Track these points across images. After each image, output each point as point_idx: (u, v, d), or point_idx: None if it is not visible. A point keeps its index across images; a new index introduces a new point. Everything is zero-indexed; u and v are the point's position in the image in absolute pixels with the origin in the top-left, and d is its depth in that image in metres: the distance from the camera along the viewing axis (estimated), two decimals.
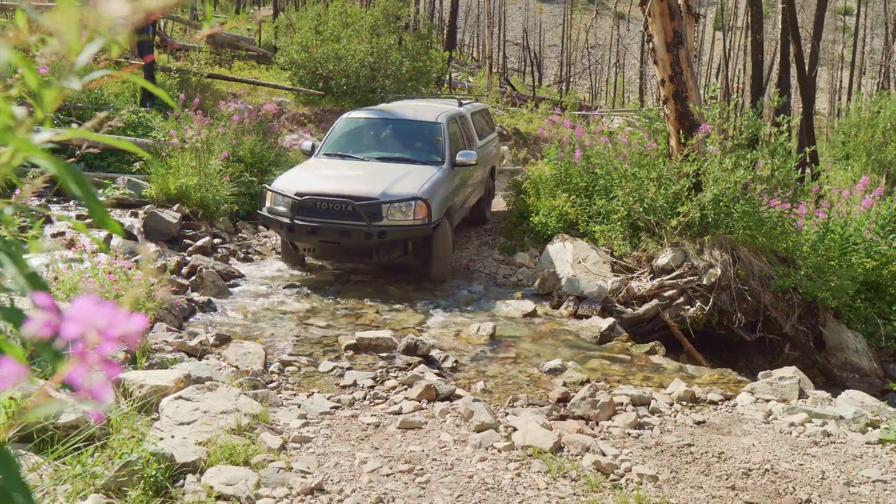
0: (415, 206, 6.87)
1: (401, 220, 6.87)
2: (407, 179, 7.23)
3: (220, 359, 4.75)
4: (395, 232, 6.88)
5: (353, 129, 8.71)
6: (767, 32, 25.24)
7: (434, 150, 8.20)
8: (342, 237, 6.87)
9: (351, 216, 6.83)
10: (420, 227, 6.95)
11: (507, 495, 3.26)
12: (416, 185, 7.13)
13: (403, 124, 8.71)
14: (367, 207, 6.79)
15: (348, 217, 6.83)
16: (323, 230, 6.84)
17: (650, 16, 7.17)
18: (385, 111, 9.16)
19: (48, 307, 0.63)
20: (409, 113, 8.92)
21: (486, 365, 5.29)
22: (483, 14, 34.65)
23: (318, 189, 7.03)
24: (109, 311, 0.62)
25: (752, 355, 6.66)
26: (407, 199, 6.87)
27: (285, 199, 6.98)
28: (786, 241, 6.64)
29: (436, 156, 8.10)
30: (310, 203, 6.87)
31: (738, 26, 30.32)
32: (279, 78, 17.40)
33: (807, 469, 3.82)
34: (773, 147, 7.16)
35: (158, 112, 10.77)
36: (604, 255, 7.46)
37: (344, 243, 6.99)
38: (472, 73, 31.38)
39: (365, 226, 6.76)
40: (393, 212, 6.83)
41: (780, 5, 14.88)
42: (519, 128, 17.39)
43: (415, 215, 6.88)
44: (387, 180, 7.18)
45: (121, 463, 2.83)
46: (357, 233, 6.77)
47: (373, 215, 6.78)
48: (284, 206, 6.96)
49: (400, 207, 6.84)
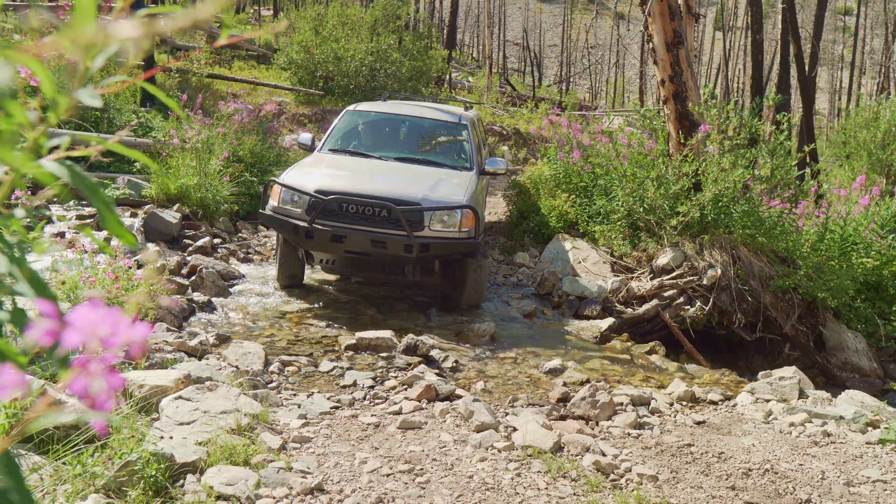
0: (461, 216, 5.88)
1: (444, 232, 5.87)
2: (445, 185, 6.25)
3: (220, 359, 4.75)
4: (439, 245, 5.85)
5: (362, 124, 7.74)
6: (767, 32, 25.24)
7: (460, 154, 7.33)
8: (375, 248, 5.74)
9: (386, 223, 5.77)
10: (465, 242, 5.93)
11: (507, 495, 3.26)
12: (459, 191, 6.17)
13: (422, 122, 7.71)
14: (410, 214, 5.77)
15: (383, 224, 5.77)
16: (352, 239, 5.73)
17: (650, 16, 7.16)
18: (398, 107, 8.22)
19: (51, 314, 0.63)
20: (424, 111, 7.98)
21: (486, 365, 5.29)
22: (483, 14, 34.64)
23: (345, 188, 5.92)
24: (113, 318, 0.62)
25: (752, 355, 6.66)
26: (453, 207, 5.87)
27: (300, 198, 5.87)
28: (785, 241, 6.64)
29: (463, 160, 7.18)
30: (334, 205, 5.79)
31: (738, 26, 30.31)
32: (279, 78, 17.41)
33: (807, 469, 3.82)
34: (772, 146, 7.16)
35: (158, 112, 10.78)
36: (604, 255, 7.46)
37: (377, 256, 5.84)
38: (472, 73, 31.38)
39: (405, 236, 5.71)
40: (435, 221, 5.85)
41: (780, 5, 14.88)
42: (519, 128, 17.39)
43: (460, 226, 5.88)
44: (423, 184, 6.14)
45: (121, 463, 2.82)
46: (395, 244, 5.70)
47: (413, 224, 5.78)
48: (299, 206, 5.87)
49: (444, 216, 5.86)
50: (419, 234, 5.74)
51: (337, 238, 5.75)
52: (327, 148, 7.19)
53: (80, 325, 0.61)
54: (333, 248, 5.87)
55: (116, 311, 0.63)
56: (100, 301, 0.63)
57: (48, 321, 0.62)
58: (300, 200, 5.88)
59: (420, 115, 7.76)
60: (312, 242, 5.84)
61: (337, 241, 5.77)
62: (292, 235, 5.93)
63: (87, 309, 0.62)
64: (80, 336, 0.61)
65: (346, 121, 7.64)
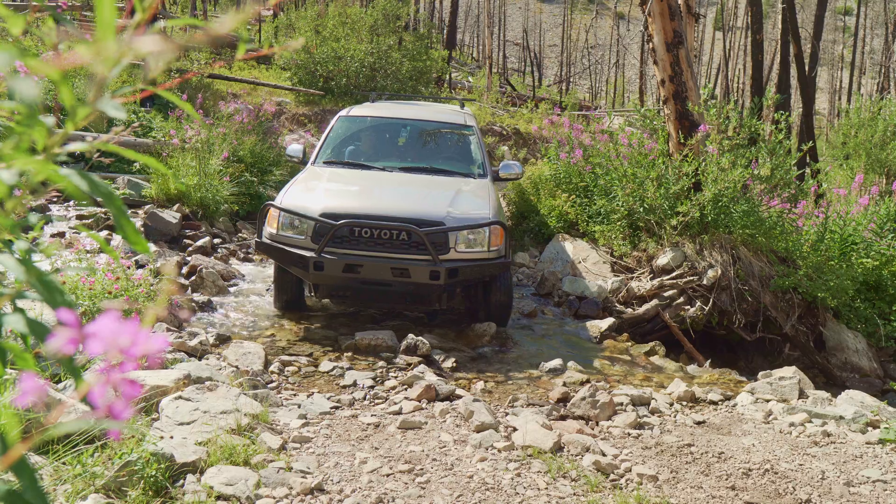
0: (489, 233, 5.24)
1: (471, 253, 5.21)
2: (465, 198, 5.61)
3: (220, 359, 4.75)
4: (468, 269, 5.18)
5: (358, 131, 7.03)
6: (767, 32, 25.24)
7: (470, 160, 6.64)
8: (397, 277, 5.07)
9: (406, 247, 5.12)
10: (495, 263, 5.30)
11: (507, 495, 3.26)
12: (482, 204, 5.55)
13: (424, 126, 6.99)
14: (434, 235, 5.11)
15: (403, 249, 5.11)
16: (369, 268, 5.04)
17: (650, 16, 7.17)
18: (394, 109, 7.57)
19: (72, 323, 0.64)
20: (425, 112, 7.32)
21: (486, 365, 5.29)
22: (483, 14, 34.66)
23: (357, 209, 5.24)
24: (133, 329, 0.63)
25: (752, 355, 6.66)
26: (481, 224, 5.24)
27: (303, 223, 5.20)
28: (785, 241, 6.64)
29: (474, 167, 6.52)
30: (345, 230, 5.10)
31: (738, 26, 30.33)
32: (279, 78, 17.41)
33: (807, 469, 3.82)
34: (771, 146, 7.17)
35: (158, 112, 10.78)
36: (604, 255, 7.46)
37: (398, 286, 5.16)
38: (472, 73, 31.38)
39: (430, 261, 5.06)
40: (461, 242, 5.20)
41: (780, 5, 14.88)
42: (519, 128, 17.39)
43: (489, 245, 5.24)
44: (442, 198, 5.49)
45: (121, 463, 2.83)
46: (419, 271, 5.04)
47: (438, 246, 5.12)
48: (302, 232, 5.20)
49: (470, 235, 5.21)
50: (445, 258, 5.10)
51: (351, 268, 5.07)
52: (322, 160, 6.44)
53: (103, 336, 0.62)
54: (346, 281, 5.17)
55: (135, 321, 0.63)
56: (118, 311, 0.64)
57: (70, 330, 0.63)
58: (303, 226, 5.20)
59: (421, 118, 7.07)
60: (322, 274, 5.12)
61: (351, 271, 5.08)
62: (297, 268, 5.21)
63: (109, 319, 0.63)
64: (103, 346, 0.62)
65: (340, 128, 6.88)
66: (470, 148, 6.77)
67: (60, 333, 0.63)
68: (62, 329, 0.63)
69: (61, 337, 0.63)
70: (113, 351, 0.62)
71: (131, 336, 0.62)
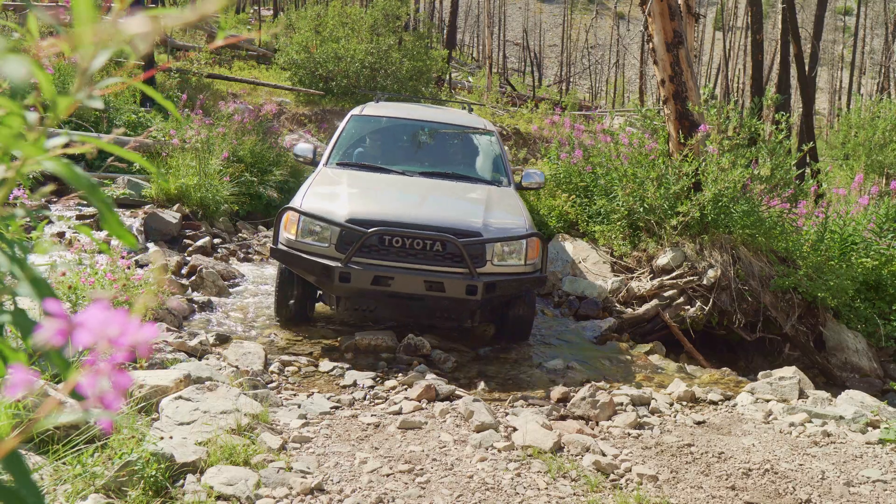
0: (526, 246, 4.97)
1: (508, 267, 4.92)
2: (499, 208, 5.33)
3: (220, 359, 4.75)
4: (505, 284, 4.87)
5: (372, 131, 6.64)
6: (767, 32, 25.23)
7: (493, 166, 6.38)
8: (430, 291, 4.73)
9: (440, 259, 4.80)
10: (532, 278, 5.02)
11: (507, 495, 3.26)
12: (517, 215, 5.26)
13: (443, 129, 6.69)
14: (472, 247, 4.80)
15: (437, 260, 4.79)
16: (400, 280, 4.69)
17: (650, 16, 7.17)
18: (409, 109, 7.25)
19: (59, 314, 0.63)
20: (442, 115, 7.03)
21: (486, 365, 5.29)
22: (483, 14, 34.66)
23: (388, 215, 4.87)
24: (121, 319, 0.62)
25: (752, 355, 6.66)
26: (519, 236, 4.96)
27: (327, 229, 4.84)
28: (785, 241, 6.64)
29: (498, 174, 6.25)
30: (375, 238, 4.75)
31: (738, 26, 30.33)
32: (279, 78, 17.42)
33: (807, 469, 3.82)
34: (771, 146, 7.17)
35: (158, 112, 10.78)
36: (604, 255, 7.46)
37: (429, 301, 4.85)
38: (472, 73, 31.38)
39: (466, 275, 4.75)
40: (496, 254, 4.90)
41: (780, 5, 14.88)
42: (519, 128, 17.39)
43: (526, 258, 4.96)
44: (476, 207, 5.20)
45: (121, 463, 2.83)
46: (455, 285, 4.71)
47: (476, 258, 4.82)
48: (325, 239, 4.84)
49: (507, 248, 4.92)
50: (482, 271, 4.79)
51: (380, 280, 4.70)
52: (335, 161, 6.10)
53: (91, 326, 0.61)
54: (374, 294, 4.81)
55: (124, 311, 0.63)
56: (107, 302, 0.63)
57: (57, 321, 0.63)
58: (326, 233, 4.84)
59: (439, 120, 6.73)
60: (348, 287, 4.75)
61: (380, 283, 4.72)
62: (321, 278, 4.82)
63: (98, 309, 0.62)
64: (91, 336, 0.61)
65: (353, 128, 6.51)
66: (492, 154, 6.50)
67: (48, 325, 0.63)
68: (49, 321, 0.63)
69: (49, 328, 0.63)
70: (102, 341, 0.61)
71: (120, 326, 0.62)
